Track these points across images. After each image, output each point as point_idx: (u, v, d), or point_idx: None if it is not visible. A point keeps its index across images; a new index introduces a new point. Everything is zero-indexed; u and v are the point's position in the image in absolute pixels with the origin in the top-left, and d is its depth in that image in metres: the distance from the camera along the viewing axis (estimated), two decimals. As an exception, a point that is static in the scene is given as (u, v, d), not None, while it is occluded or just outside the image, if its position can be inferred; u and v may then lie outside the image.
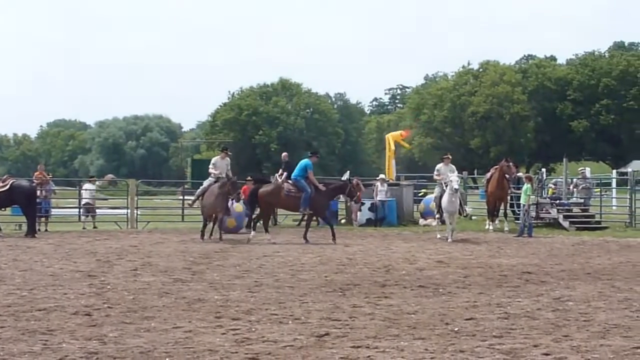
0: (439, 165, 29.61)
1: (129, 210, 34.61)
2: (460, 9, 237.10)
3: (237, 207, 28.69)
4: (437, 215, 29.37)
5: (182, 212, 37.56)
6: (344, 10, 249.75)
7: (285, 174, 31.39)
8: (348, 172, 33.69)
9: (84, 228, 31.59)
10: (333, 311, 12.56)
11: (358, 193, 29.95)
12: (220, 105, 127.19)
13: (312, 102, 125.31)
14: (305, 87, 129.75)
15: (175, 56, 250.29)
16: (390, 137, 41.18)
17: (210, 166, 29.56)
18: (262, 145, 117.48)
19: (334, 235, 26.02)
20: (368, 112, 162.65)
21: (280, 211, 37.70)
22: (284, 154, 33.92)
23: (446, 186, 27.40)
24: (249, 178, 31.71)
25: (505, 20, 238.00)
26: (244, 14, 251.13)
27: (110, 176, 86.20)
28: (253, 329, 11.12)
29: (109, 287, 15.38)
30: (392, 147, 40.33)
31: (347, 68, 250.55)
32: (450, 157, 30.14)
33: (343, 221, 35.05)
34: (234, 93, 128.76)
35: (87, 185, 37.74)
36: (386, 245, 24.89)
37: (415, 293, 14.59)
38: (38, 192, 31.76)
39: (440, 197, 28.22)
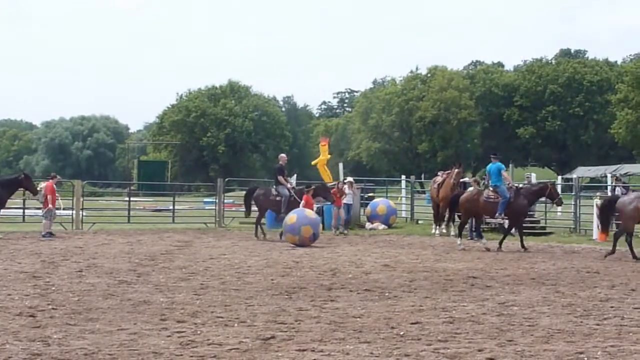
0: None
1: (74, 212, 34.28)
2: (408, 14, 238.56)
3: (291, 219, 26.30)
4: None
5: (128, 214, 37.33)
6: (293, 14, 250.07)
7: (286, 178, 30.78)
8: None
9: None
10: (279, 314, 12.55)
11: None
12: (168, 107, 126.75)
13: (261, 105, 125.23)
14: (254, 90, 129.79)
15: (122, 57, 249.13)
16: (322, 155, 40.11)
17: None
18: (210, 147, 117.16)
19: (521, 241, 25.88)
20: (317, 115, 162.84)
21: (227, 214, 37.70)
22: (283, 156, 32.15)
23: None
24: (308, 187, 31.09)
25: (453, 26, 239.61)
26: (194, 16, 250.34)
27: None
28: (198, 332, 11.08)
29: (53, 288, 15.25)
30: (327, 156, 39.76)
31: (296, 71, 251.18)
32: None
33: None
34: (182, 95, 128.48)
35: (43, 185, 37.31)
36: (332, 249, 24.90)
37: (361, 297, 14.60)
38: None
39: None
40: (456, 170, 32.37)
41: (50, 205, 29.47)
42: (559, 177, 49.61)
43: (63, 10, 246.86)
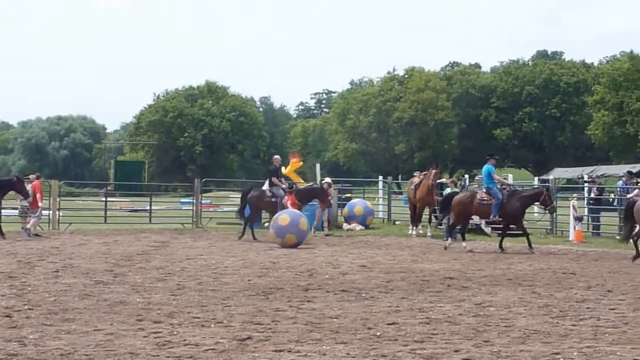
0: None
1: (51, 212, 34.15)
2: (386, 15, 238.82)
3: (283, 219, 25.98)
4: None
5: (105, 214, 37.21)
6: (270, 14, 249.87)
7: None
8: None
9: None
10: (256, 315, 12.53)
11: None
12: (145, 107, 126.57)
13: (238, 105, 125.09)
14: (231, 90, 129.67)
15: (100, 57, 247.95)
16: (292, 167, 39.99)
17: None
18: (187, 148, 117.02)
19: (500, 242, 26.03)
20: (294, 116, 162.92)
21: (204, 214, 37.65)
22: (277, 157, 32.45)
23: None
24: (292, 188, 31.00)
25: (431, 27, 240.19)
26: (172, 16, 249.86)
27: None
28: (175, 332, 11.04)
29: (29, 288, 15.18)
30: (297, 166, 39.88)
31: (274, 72, 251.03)
32: None
33: (266, 224, 34.92)
34: (159, 95, 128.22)
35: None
36: (310, 250, 24.89)
37: (338, 297, 14.60)
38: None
39: None
40: (433, 171, 32.40)
41: (40, 204, 29.54)
42: (536, 179, 49.74)
43: (39, 9, 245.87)
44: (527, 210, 28.52)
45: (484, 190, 26.52)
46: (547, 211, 27.78)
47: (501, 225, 27.75)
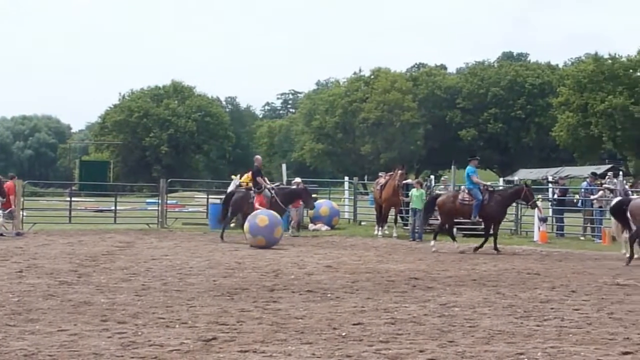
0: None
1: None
2: (352, 16, 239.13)
3: (262, 220, 25.81)
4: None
5: (69, 214, 37.02)
6: (236, 14, 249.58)
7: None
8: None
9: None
10: (221, 315, 12.49)
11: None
12: (110, 107, 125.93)
13: (204, 106, 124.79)
14: (197, 90, 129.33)
15: (65, 56, 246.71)
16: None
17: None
18: (153, 148, 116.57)
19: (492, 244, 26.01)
20: (260, 116, 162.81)
21: (170, 215, 37.52)
22: (258, 157, 32.19)
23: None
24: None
25: (397, 28, 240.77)
26: (137, 15, 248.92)
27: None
28: (139, 333, 10.99)
29: (-8, 289, 15.07)
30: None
31: (240, 72, 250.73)
32: None
33: (233, 224, 34.85)
34: (124, 95, 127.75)
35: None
36: (275, 250, 24.86)
37: (304, 298, 14.59)
38: None
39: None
40: (399, 171, 32.47)
41: (13, 206, 29.41)
42: (501, 179, 49.82)
43: (6, 8, 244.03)
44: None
45: (466, 191, 26.65)
46: (529, 206, 27.92)
47: (467, 227, 27.86)
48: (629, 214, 22.98)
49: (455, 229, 31.36)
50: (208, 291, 15.21)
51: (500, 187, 31.77)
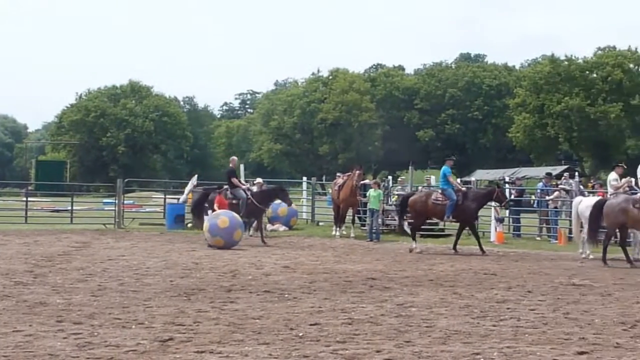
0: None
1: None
2: (310, 16, 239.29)
3: (223, 221, 25.74)
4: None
5: (26, 214, 36.71)
6: (195, 14, 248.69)
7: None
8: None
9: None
10: (177, 316, 12.45)
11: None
12: (67, 106, 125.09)
13: (162, 105, 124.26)
14: (155, 90, 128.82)
15: (21, 55, 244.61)
16: None
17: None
18: (110, 148, 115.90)
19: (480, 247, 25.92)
20: (218, 116, 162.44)
21: (127, 215, 37.29)
22: (234, 158, 32.29)
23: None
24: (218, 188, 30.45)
25: (355, 28, 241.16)
26: (94, 14, 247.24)
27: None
28: (95, 334, 10.92)
29: (-54, 290, 14.92)
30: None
31: (198, 72, 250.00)
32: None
33: (190, 225, 34.74)
34: (81, 94, 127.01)
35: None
36: (233, 250, 24.79)
37: (261, 298, 14.56)
38: None
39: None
40: (357, 172, 32.48)
41: None
42: (458, 180, 50.11)
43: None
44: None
45: (439, 191, 26.73)
46: (502, 207, 28.02)
47: (424, 227, 27.97)
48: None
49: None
50: (165, 291, 15.15)
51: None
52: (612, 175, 25.71)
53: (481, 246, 25.85)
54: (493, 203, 27.77)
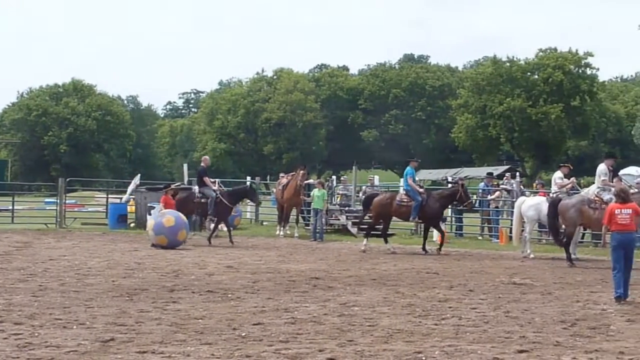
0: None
1: None
2: (255, 16, 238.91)
3: (169, 220, 25.59)
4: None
5: (-35, 214, 36.30)
6: (139, 12, 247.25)
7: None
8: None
9: None
10: (119, 316, 12.38)
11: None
12: (8, 105, 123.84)
13: (105, 104, 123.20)
14: (98, 89, 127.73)
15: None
16: None
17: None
18: (51, 147, 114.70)
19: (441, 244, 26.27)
20: (162, 115, 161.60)
21: (69, 214, 36.97)
22: (205, 158, 32.15)
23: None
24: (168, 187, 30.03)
25: (300, 29, 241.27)
26: (36, 12, 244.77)
27: None
28: (36, 334, 10.83)
29: None
30: None
31: (141, 71, 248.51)
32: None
33: (132, 225, 34.56)
34: (22, 93, 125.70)
35: None
36: (176, 250, 24.68)
37: (204, 298, 14.53)
38: None
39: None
40: (301, 172, 32.54)
41: None
42: (402, 180, 50.35)
43: None
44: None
45: (403, 191, 26.76)
46: (465, 207, 28.14)
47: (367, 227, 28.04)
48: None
49: (355, 229, 31.66)
50: (107, 292, 15.05)
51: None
52: (558, 174, 26.05)
53: (424, 245, 26.02)
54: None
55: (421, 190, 27.17)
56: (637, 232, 16.20)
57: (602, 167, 23.59)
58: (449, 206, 28.95)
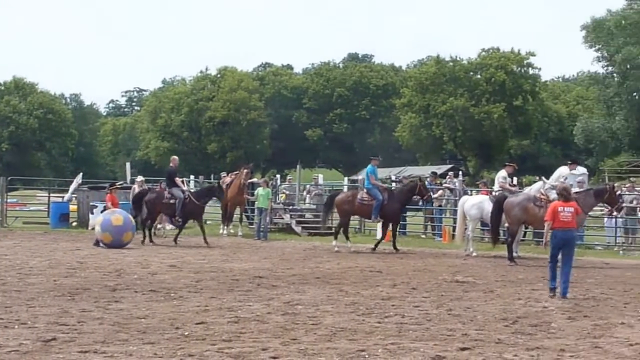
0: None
1: None
2: (198, 14, 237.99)
3: (117, 219, 25.54)
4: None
5: None
6: (80, 10, 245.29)
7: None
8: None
9: None
10: (61, 316, 12.29)
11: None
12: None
13: (46, 103, 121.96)
14: (40, 87, 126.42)
15: None
16: None
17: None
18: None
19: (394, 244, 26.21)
20: (104, 114, 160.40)
21: (10, 214, 36.62)
22: (174, 158, 31.88)
23: None
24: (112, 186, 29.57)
25: (243, 27, 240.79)
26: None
27: None
28: (-24, 335, 10.73)
29: None
30: None
31: (84, 69, 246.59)
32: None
33: (74, 224, 34.30)
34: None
35: None
36: (119, 250, 24.54)
37: (147, 297, 14.47)
38: None
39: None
40: (245, 170, 32.53)
41: None
42: (346, 179, 50.45)
43: None
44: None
45: (365, 190, 26.74)
46: (424, 201, 28.15)
47: (311, 225, 28.10)
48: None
49: (300, 228, 31.71)
50: (48, 291, 14.94)
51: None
52: (502, 173, 26.33)
53: (376, 244, 26.17)
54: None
55: (384, 185, 27.32)
56: (578, 230, 16.48)
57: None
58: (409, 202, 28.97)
